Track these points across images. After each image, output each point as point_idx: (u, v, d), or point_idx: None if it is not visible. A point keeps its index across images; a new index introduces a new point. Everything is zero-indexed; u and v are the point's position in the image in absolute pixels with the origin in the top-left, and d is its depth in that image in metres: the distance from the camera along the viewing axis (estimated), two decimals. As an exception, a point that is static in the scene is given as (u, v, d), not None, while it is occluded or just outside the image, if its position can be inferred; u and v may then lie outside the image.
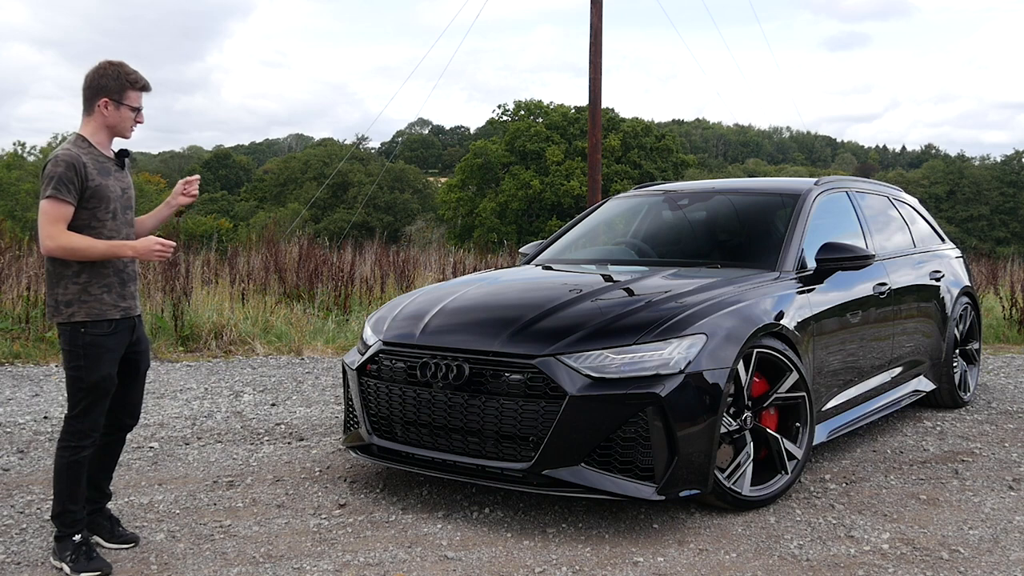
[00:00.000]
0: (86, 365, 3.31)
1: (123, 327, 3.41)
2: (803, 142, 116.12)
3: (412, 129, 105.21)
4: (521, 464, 3.72)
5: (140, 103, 3.41)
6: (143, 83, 3.41)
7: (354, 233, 30.37)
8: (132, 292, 3.46)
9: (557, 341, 3.80)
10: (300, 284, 10.69)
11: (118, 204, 3.39)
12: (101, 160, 3.36)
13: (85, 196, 3.29)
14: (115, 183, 3.39)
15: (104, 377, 3.34)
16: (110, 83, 3.33)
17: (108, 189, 3.34)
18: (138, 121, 3.42)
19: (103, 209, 3.33)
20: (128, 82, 3.35)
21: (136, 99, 3.39)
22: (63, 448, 3.34)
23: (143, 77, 3.41)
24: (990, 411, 6.17)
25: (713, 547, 3.58)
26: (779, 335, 4.19)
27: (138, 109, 3.40)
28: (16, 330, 8.16)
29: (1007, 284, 12.46)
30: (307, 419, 5.76)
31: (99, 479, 3.58)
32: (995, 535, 3.75)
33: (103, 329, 3.33)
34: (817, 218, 5.12)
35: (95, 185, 3.29)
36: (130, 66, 3.40)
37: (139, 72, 3.41)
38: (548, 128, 53.27)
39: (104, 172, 3.35)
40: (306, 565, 3.38)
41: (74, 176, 3.23)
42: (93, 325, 3.32)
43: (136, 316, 3.49)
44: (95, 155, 3.35)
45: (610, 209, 6.23)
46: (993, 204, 68.03)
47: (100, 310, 3.33)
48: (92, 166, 3.31)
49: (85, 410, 3.34)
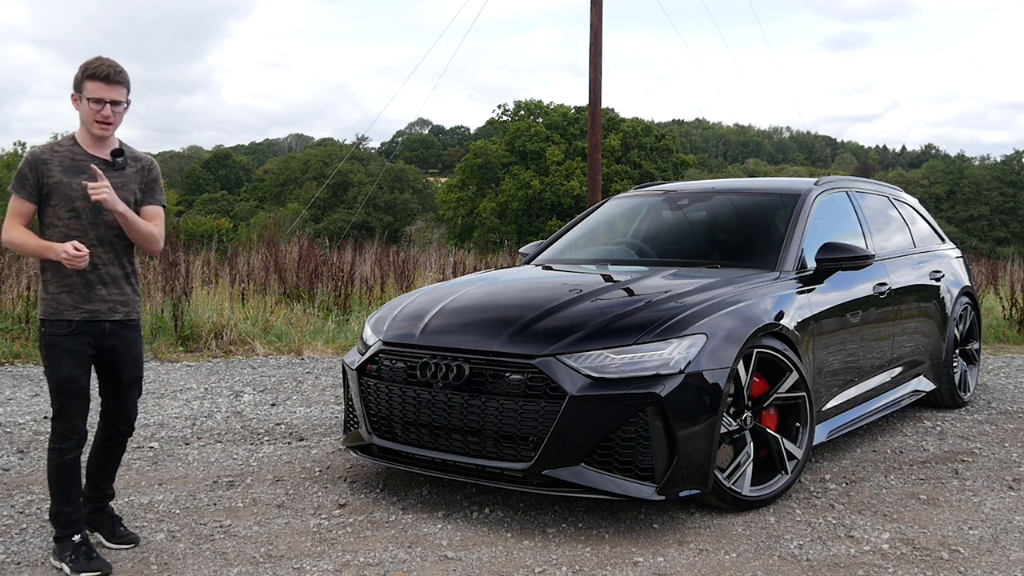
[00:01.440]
0: (48, 365, 3.29)
1: (85, 330, 3.29)
2: (803, 142, 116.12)
3: (412, 129, 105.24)
4: (521, 464, 3.72)
5: (101, 94, 3.20)
6: (95, 71, 3.20)
7: (354, 233, 30.38)
8: (104, 295, 3.32)
9: (557, 341, 3.80)
10: (300, 284, 10.69)
11: (85, 204, 3.25)
12: (77, 158, 3.27)
13: (44, 193, 3.25)
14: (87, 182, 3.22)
15: (66, 378, 3.26)
16: (75, 77, 3.25)
17: (71, 188, 3.24)
18: (102, 114, 3.22)
19: (63, 207, 3.25)
20: (85, 75, 3.22)
21: (94, 89, 3.20)
22: (50, 451, 3.33)
23: (104, 66, 3.21)
24: (990, 411, 6.17)
25: (713, 547, 3.58)
26: (779, 335, 4.19)
27: (100, 100, 3.21)
28: (16, 330, 8.16)
29: (1007, 284, 12.47)
30: (307, 419, 5.76)
31: (99, 481, 3.56)
32: (995, 535, 3.75)
33: (60, 329, 3.26)
34: (817, 218, 5.12)
35: (53, 182, 3.23)
36: (100, 58, 3.25)
37: (105, 62, 3.23)
38: (548, 128, 53.27)
39: (74, 170, 3.26)
40: (306, 565, 3.38)
41: (28, 172, 3.23)
42: (51, 324, 3.27)
43: (110, 321, 3.33)
44: (73, 153, 3.28)
45: (610, 209, 6.23)
46: (993, 204, 68.03)
47: (56, 309, 3.27)
48: (57, 163, 3.25)
49: (59, 411, 3.30)
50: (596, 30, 15.21)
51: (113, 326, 3.36)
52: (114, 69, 3.24)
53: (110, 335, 3.35)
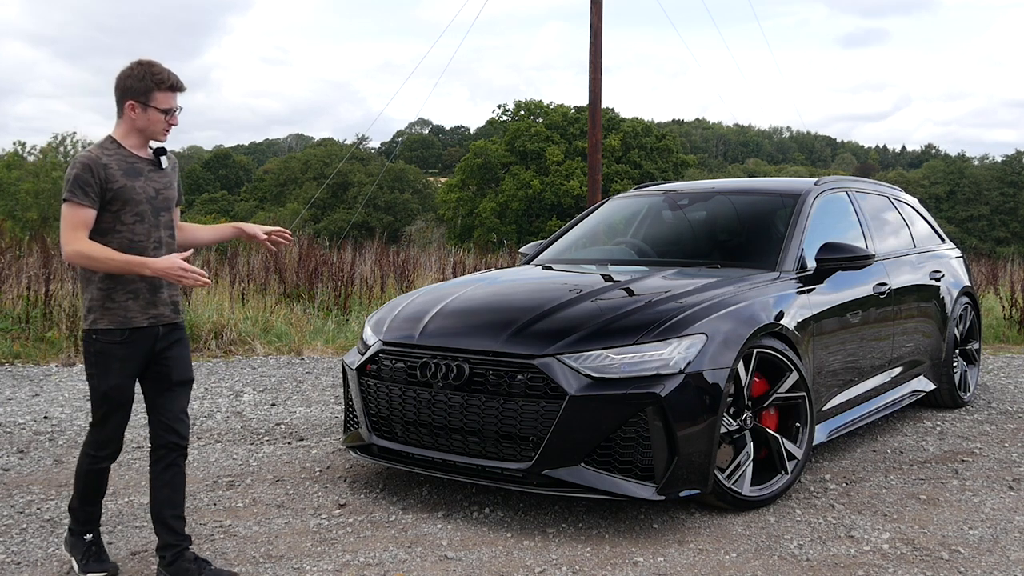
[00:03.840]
0: (97, 372, 3.16)
1: (140, 336, 3.17)
2: (803, 142, 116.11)
3: (412, 129, 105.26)
4: (521, 464, 3.72)
5: (171, 104, 3.18)
6: (171, 82, 3.17)
7: (354, 233, 30.39)
8: (166, 298, 3.23)
9: (557, 341, 3.80)
10: (300, 284, 10.70)
11: (148, 207, 3.17)
12: (131, 160, 3.17)
13: (107, 199, 3.09)
14: (147, 184, 3.17)
15: (114, 387, 3.15)
16: (135, 84, 3.13)
17: (134, 191, 3.14)
18: (171, 123, 3.20)
19: (128, 212, 3.13)
20: (154, 83, 3.14)
21: (165, 100, 3.16)
22: (83, 455, 3.25)
23: (172, 76, 3.18)
24: (990, 411, 6.17)
25: (713, 547, 3.58)
26: (779, 335, 4.19)
27: (169, 111, 3.18)
28: (16, 330, 8.16)
29: (1007, 284, 12.46)
30: (307, 419, 5.76)
31: (165, 517, 3.23)
32: (995, 535, 3.75)
33: (115, 338, 3.13)
34: (817, 218, 5.12)
35: (118, 187, 3.10)
36: (161, 65, 3.19)
37: (170, 71, 3.19)
38: (548, 128, 53.28)
39: (133, 173, 3.15)
40: (306, 565, 3.38)
41: (91, 178, 3.05)
42: (106, 332, 3.13)
43: (164, 325, 3.23)
44: (123, 156, 3.16)
45: (610, 209, 6.23)
46: (993, 204, 68.02)
47: (124, 318, 3.13)
48: (116, 167, 3.12)
49: (101, 420, 3.20)
50: (596, 30, 15.21)
51: (166, 329, 3.25)
52: (179, 77, 3.21)
53: (163, 338, 3.24)
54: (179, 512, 3.25)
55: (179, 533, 3.23)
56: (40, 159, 50.11)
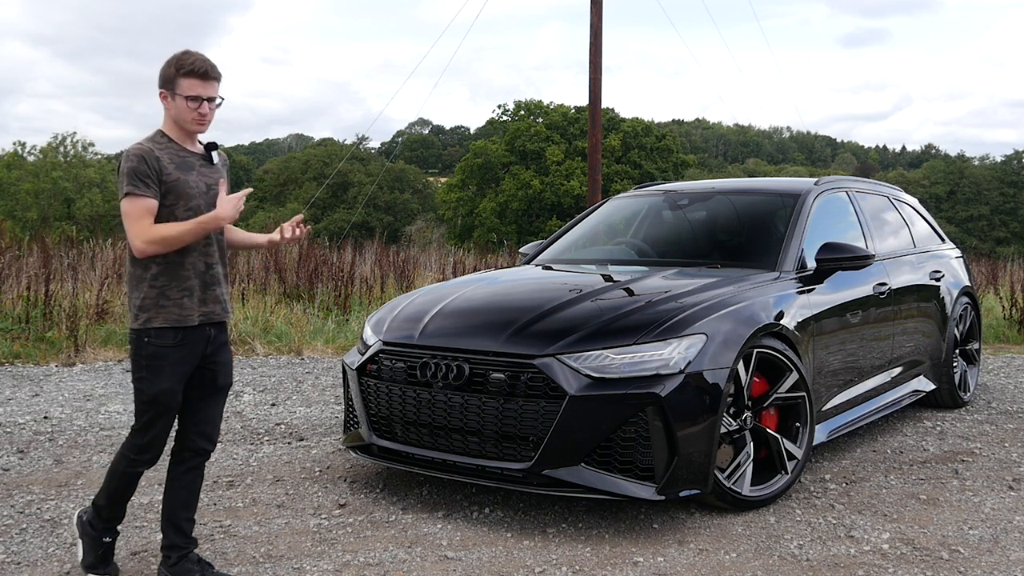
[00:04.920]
0: (147, 376, 3.06)
1: (193, 338, 3.09)
2: (803, 142, 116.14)
3: (412, 129, 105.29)
4: (521, 464, 3.72)
5: (197, 91, 3.03)
6: (193, 68, 3.02)
7: (354, 233, 30.40)
8: (216, 295, 3.16)
9: (557, 341, 3.80)
10: (300, 284, 10.70)
11: (202, 201, 3.08)
12: (182, 154, 3.08)
13: (162, 192, 3.00)
14: (199, 179, 3.09)
15: (164, 391, 3.06)
16: (165, 72, 3.05)
17: (188, 185, 3.05)
18: (200, 111, 3.06)
19: (182, 207, 3.03)
20: (175, 68, 3.02)
21: (191, 87, 3.02)
22: (121, 456, 3.16)
23: (200, 63, 3.04)
24: (990, 411, 6.17)
25: (713, 547, 3.58)
26: (779, 335, 4.19)
27: (196, 98, 3.04)
28: (16, 330, 8.16)
29: (1007, 284, 12.47)
30: (307, 419, 5.76)
31: (179, 519, 3.21)
32: (995, 535, 3.75)
33: (168, 339, 3.04)
34: (817, 218, 5.12)
35: (172, 180, 3.01)
36: (194, 53, 3.06)
37: (199, 57, 3.06)
38: (548, 128, 53.27)
39: (185, 167, 3.07)
40: (306, 565, 3.38)
41: (147, 168, 2.96)
42: (158, 334, 3.03)
43: (217, 323, 3.18)
44: (174, 149, 3.07)
45: (610, 209, 6.23)
46: (993, 204, 68.01)
47: (179, 315, 3.04)
48: (168, 160, 3.03)
49: (146, 424, 3.11)
50: (596, 30, 15.21)
51: (216, 330, 3.18)
52: (209, 64, 3.07)
53: (213, 340, 3.17)
54: (191, 515, 3.24)
55: (188, 535, 3.22)
56: (40, 159, 50.07)
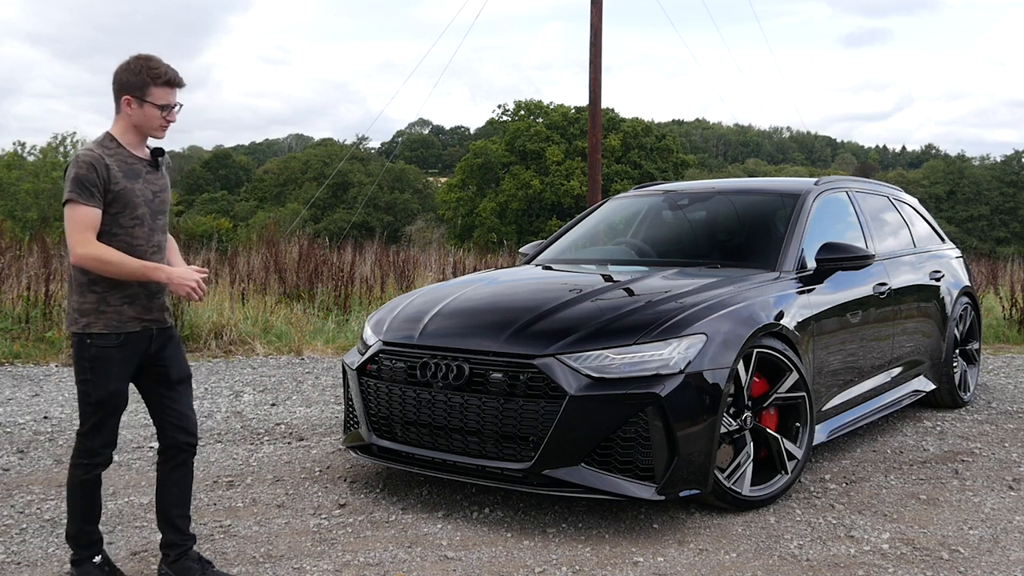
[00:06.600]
0: (93, 379, 3.07)
1: (135, 339, 3.11)
2: (803, 142, 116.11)
3: (412, 129, 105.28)
4: (521, 464, 3.72)
5: (169, 100, 3.09)
6: (167, 77, 3.07)
7: (354, 233, 30.41)
8: (161, 304, 3.18)
9: (557, 341, 3.80)
10: (300, 284, 10.70)
11: (147, 209, 3.10)
12: (130, 161, 3.09)
13: (108, 200, 3.00)
14: (145, 187, 3.10)
15: (111, 392, 3.07)
16: (132, 79, 3.04)
17: (135, 194, 3.06)
18: (168, 120, 3.12)
19: (127, 215, 3.05)
20: (150, 77, 3.04)
21: (162, 96, 3.06)
22: (74, 466, 3.13)
23: (170, 72, 3.09)
24: (990, 411, 6.17)
25: (713, 547, 3.58)
26: (779, 335, 4.19)
27: (167, 107, 3.09)
28: (16, 330, 8.16)
29: (1007, 284, 12.46)
30: (307, 419, 5.76)
31: (172, 516, 3.22)
32: (995, 535, 3.75)
33: (111, 342, 3.05)
34: (817, 218, 5.12)
35: (119, 189, 3.01)
36: (159, 60, 3.10)
37: (168, 66, 3.10)
38: (548, 128, 53.29)
39: (132, 175, 3.07)
40: (306, 565, 3.38)
41: (95, 178, 2.96)
42: (101, 337, 3.04)
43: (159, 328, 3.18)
44: (123, 156, 3.07)
45: (610, 209, 6.23)
46: (993, 204, 68.03)
47: (118, 322, 3.06)
48: (117, 168, 3.03)
49: (95, 427, 3.09)
50: (596, 30, 15.21)
51: (159, 331, 3.20)
52: (178, 73, 3.12)
53: (156, 340, 3.18)
54: (186, 512, 3.24)
55: (184, 532, 3.22)
56: (40, 159, 50.09)
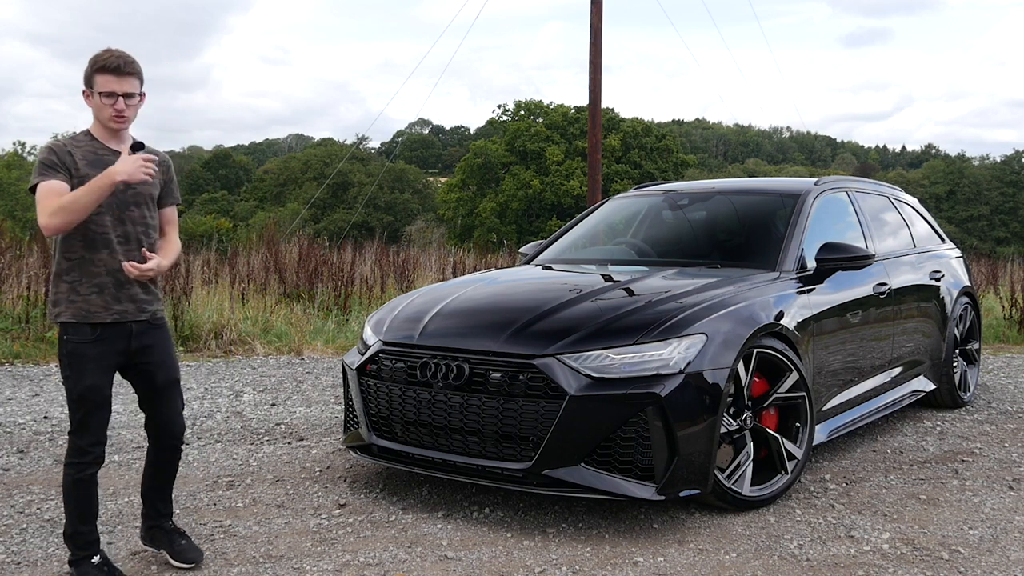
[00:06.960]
0: (70, 374, 3.08)
1: (110, 334, 3.10)
2: (803, 142, 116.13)
3: (412, 129, 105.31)
4: (521, 464, 3.72)
5: (111, 87, 3.03)
6: (104, 63, 3.03)
7: (354, 233, 30.41)
8: (133, 295, 3.15)
9: (557, 341, 3.80)
10: (300, 284, 10.70)
11: (112, 199, 3.06)
12: (100, 152, 3.10)
13: (72, 187, 3.01)
14: None
15: (89, 387, 3.06)
16: (86, 71, 3.07)
17: None
18: (116, 108, 3.05)
19: None
20: (93, 67, 3.04)
21: (105, 83, 3.02)
22: (67, 466, 3.14)
23: (113, 60, 3.04)
24: (990, 411, 6.17)
25: (713, 547, 3.58)
26: (779, 335, 4.19)
27: (112, 94, 3.04)
28: (16, 330, 8.16)
29: (1007, 284, 12.46)
30: (307, 419, 5.76)
31: (154, 499, 3.37)
32: (995, 535, 3.75)
33: (85, 335, 3.06)
34: (817, 218, 5.12)
35: (81, 176, 3.02)
36: (111, 50, 3.08)
37: (114, 54, 3.06)
38: (548, 128, 53.30)
39: (98, 164, 3.06)
40: (306, 565, 3.38)
41: (56, 160, 3.01)
42: (75, 330, 3.06)
43: (136, 322, 3.16)
44: (94, 147, 3.10)
45: (610, 209, 6.23)
46: (993, 204, 68.04)
47: (86, 312, 3.06)
48: (82, 156, 3.06)
49: (80, 424, 3.10)
50: (596, 30, 15.21)
51: (139, 327, 3.17)
52: (124, 60, 3.06)
53: (137, 337, 3.17)
54: (165, 495, 3.42)
55: (159, 511, 3.42)
56: (40, 159, 50.04)
